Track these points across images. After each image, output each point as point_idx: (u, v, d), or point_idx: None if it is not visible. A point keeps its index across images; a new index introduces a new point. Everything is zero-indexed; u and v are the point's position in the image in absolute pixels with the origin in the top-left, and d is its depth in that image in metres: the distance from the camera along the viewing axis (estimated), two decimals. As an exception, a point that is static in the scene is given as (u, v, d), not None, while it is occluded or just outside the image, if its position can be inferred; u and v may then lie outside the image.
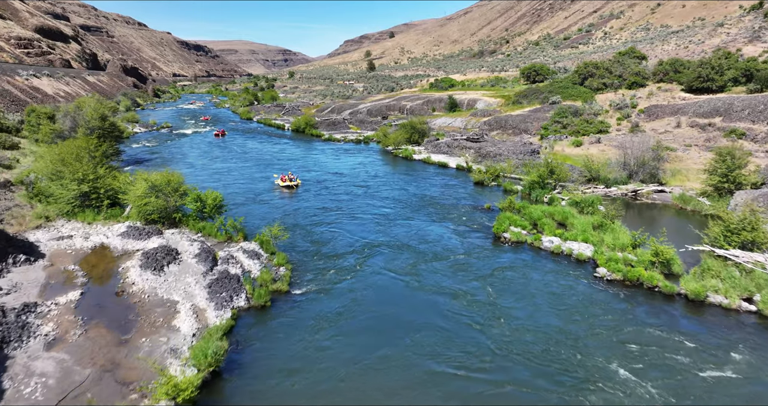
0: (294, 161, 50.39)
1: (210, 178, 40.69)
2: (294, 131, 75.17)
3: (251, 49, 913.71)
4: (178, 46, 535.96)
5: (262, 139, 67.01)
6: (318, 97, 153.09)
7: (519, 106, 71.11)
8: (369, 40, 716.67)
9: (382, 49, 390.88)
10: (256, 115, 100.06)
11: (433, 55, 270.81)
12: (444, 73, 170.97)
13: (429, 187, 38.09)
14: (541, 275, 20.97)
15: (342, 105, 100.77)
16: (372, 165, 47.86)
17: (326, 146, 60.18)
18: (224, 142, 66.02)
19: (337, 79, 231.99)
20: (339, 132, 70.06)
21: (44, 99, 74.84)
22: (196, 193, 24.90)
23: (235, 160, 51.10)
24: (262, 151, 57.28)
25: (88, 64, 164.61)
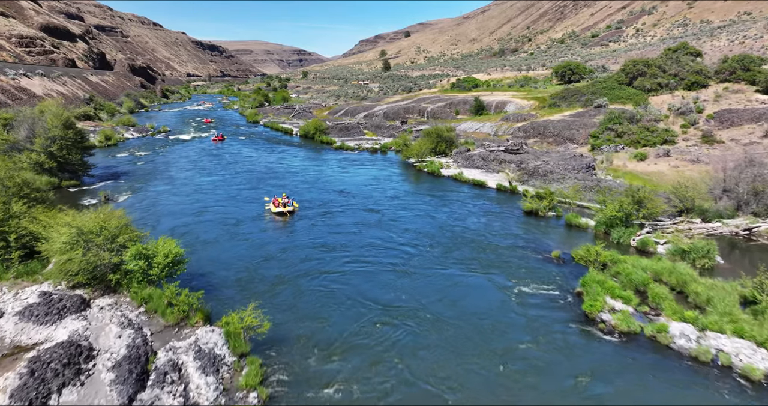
0: (295, 175, 42.49)
1: (186, 200, 32.94)
2: (302, 137, 67.34)
3: (266, 49, 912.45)
4: (192, 46, 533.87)
5: (264, 146, 59.26)
6: (331, 98, 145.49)
7: (557, 109, 62.41)
8: (384, 39, 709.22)
9: (397, 49, 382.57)
10: (264, 118, 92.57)
11: (450, 55, 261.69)
12: (463, 72, 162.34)
13: (465, 215, 29.80)
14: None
15: (356, 107, 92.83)
16: (390, 181, 39.73)
17: (337, 156, 52.18)
18: (220, 148, 58.48)
19: (351, 79, 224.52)
20: (352, 138, 62.06)
21: (30, 101, 68.06)
22: (138, 248, 16.89)
23: (225, 172, 43.39)
24: (260, 161, 49.47)
25: (95, 63, 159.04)
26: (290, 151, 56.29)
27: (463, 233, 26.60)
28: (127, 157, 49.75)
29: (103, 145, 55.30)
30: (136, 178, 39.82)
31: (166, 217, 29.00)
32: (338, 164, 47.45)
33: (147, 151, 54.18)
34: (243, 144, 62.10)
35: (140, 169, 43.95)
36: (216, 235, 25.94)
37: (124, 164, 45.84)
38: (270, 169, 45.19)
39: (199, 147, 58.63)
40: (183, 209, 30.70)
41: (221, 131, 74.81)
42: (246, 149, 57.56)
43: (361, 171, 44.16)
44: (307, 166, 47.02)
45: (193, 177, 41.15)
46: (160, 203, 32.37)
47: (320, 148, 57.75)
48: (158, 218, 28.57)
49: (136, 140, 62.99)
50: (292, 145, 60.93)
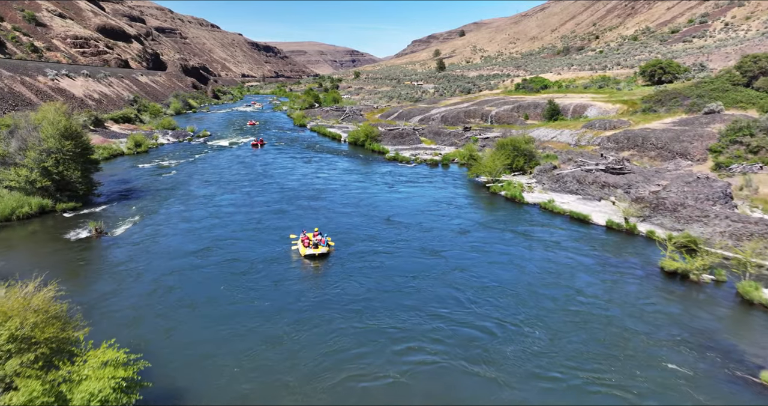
0: (334, 193, 34.85)
1: (196, 229, 25.81)
2: (351, 144, 59.89)
3: (320, 50, 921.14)
4: (248, 47, 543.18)
5: (306, 155, 52.14)
6: (383, 99, 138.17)
7: (654, 115, 51.85)
8: (437, 39, 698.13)
9: (451, 48, 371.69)
10: (311, 121, 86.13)
11: (509, 53, 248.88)
12: (525, 72, 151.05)
13: (569, 270, 21.01)
14: None
15: (411, 110, 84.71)
16: (455, 207, 31.35)
17: (389, 169, 44.23)
18: (257, 155, 52.02)
19: (404, 79, 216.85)
20: (408, 147, 53.94)
21: (68, 102, 64.16)
22: (34, 387, 9.37)
23: (252, 188, 36.37)
24: (297, 173, 42.27)
25: (149, 64, 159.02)
26: (334, 161, 48.81)
27: (571, 301, 17.90)
28: (151, 167, 43.77)
29: (132, 153, 49.87)
30: (149, 196, 33.37)
31: (160, 259, 21.87)
32: (390, 180, 39.45)
33: (177, 159, 48.21)
34: (282, 151, 55.34)
35: (160, 183, 37.64)
36: (215, 294, 18.39)
37: (145, 177, 39.75)
38: (306, 185, 37.82)
39: (235, 154, 52.25)
40: (186, 245, 23.59)
41: (263, 135, 68.78)
42: (284, 158, 50.67)
43: (418, 191, 35.98)
44: (352, 181, 39.30)
45: (215, 195, 34.29)
46: (163, 234, 25.43)
47: (370, 159, 50.00)
48: (149, 262, 21.49)
49: (171, 146, 57.49)
50: (338, 153, 53.50)
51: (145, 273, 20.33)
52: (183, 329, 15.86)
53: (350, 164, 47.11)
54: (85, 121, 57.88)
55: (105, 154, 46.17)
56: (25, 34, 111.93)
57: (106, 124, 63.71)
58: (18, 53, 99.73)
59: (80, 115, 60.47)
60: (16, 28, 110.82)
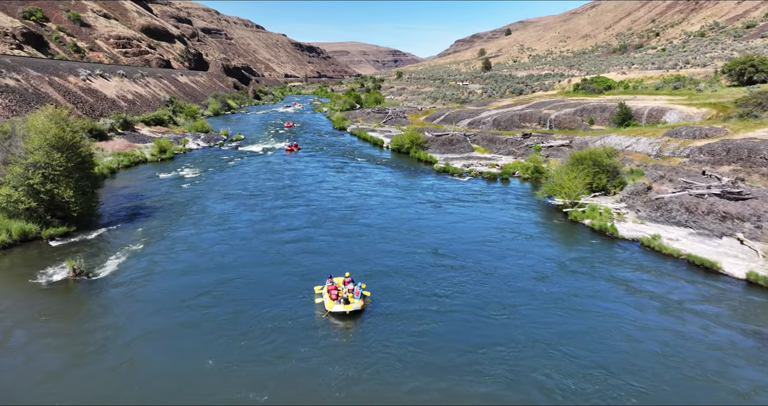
0: (371, 213, 29.02)
1: (199, 263, 20.46)
2: (394, 151, 53.99)
3: (362, 50, 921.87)
4: (291, 48, 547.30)
5: (343, 163, 46.57)
6: (427, 99, 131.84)
7: (756, 122, 43.52)
8: (481, 39, 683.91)
9: (497, 47, 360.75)
10: (351, 124, 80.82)
11: (559, 52, 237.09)
12: (579, 71, 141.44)
13: (716, 357, 14.32)
14: None
15: (459, 112, 78.08)
16: (524, 239, 24.93)
17: (438, 182, 38.04)
18: (289, 163, 47.06)
19: (448, 79, 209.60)
20: (459, 156, 47.54)
21: (98, 103, 61.22)
22: None
23: (276, 205, 31.04)
24: (330, 185, 36.71)
25: (191, 64, 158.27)
26: (374, 171, 42.99)
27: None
28: (172, 178, 39.16)
29: (155, 160, 45.63)
30: (159, 214, 28.49)
31: (142, 314, 16.49)
32: (439, 197, 33.26)
33: (202, 167, 43.60)
34: (317, 157, 50.05)
35: (176, 197, 32.81)
36: (197, 375, 12.88)
37: (162, 189, 35.09)
38: (339, 202, 32.18)
39: (265, 162, 47.26)
40: (181, 291, 18.24)
41: (299, 139, 63.98)
42: (318, 166, 45.32)
43: (474, 212, 29.66)
44: (394, 197, 33.36)
45: (232, 214, 29.11)
46: (159, 271, 20.22)
47: (416, 169, 43.92)
48: (126, 319, 16.12)
49: (199, 152, 53.15)
50: (378, 162, 47.66)
51: (114, 339, 15.01)
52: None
53: (392, 176, 41.17)
54: (112, 123, 54.46)
55: (125, 161, 42.03)
56: (69, 34, 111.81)
57: (136, 126, 60.27)
58: (60, 53, 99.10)
59: (109, 117, 57.19)
60: (61, 29, 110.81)
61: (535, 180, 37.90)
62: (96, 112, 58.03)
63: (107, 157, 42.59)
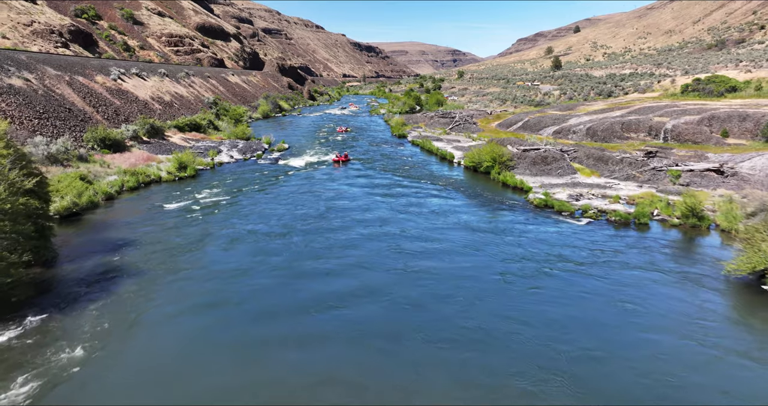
0: (435, 280, 17.91)
1: (160, 380, 10.73)
2: (468, 169, 42.82)
3: (421, 50, 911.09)
4: (350, 48, 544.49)
5: (401, 186, 35.91)
6: (495, 101, 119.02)
7: None
8: (544, 37, 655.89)
9: (565, 45, 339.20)
10: (412, 131, 70.13)
11: (639, 49, 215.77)
12: (669, 70, 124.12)
13: None
14: None
15: (540, 118, 65.59)
16: (710, 349, 13.38)
17: (538, 225, 26.55)
18: (335, 180, 37.72)
19: (514, 79, 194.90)
20: (558, 180, 35.71)
21: (125, 106, 53.82)
22: None
23: (302, 254, 21.14)
24: (379, 223, 26.05)
25: (246, 63, 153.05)
26: (442, 200, 31.95)
27: None
28: (180, 208, 29.85)
29: (172, 179, 36.73)
30: (138, 273, 19.03)
31: None
32: (544, 255, 21.83)
33: (225, 191, 34.24)
34: (369, 176, 39.78)
35: (174, 240, 23.37)
36: None
37: (162, 224, 25.80)
38: (387, 252, 21.72)
39: (305, 181, 37.41)
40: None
41: (349, 149, 54.21)
42: (368, 188, 35.04)
43: (613, 294, 18.06)
44: (471, 249, 22.31)
45: (237, 273, 19.22)
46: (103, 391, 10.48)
47: (501, 199, 32.57)
48: None
49: (231, 167, 44.07)
50: (448, 185, 36.63)
51: None
52: None
53: (467, 209, 30.04)
54: (135, 130, 46.51)
55: (131, 182, 33.29)
56: (120, 32, 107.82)
57: (166, 133, 52.34)
58: (108, 52, 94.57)
59: (132, 123, 49.38)
60: (112, 27, 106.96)
61: (692, 228, 25.62)
62: (120, 116, 50.43)
63: (111, 175, 34.05)
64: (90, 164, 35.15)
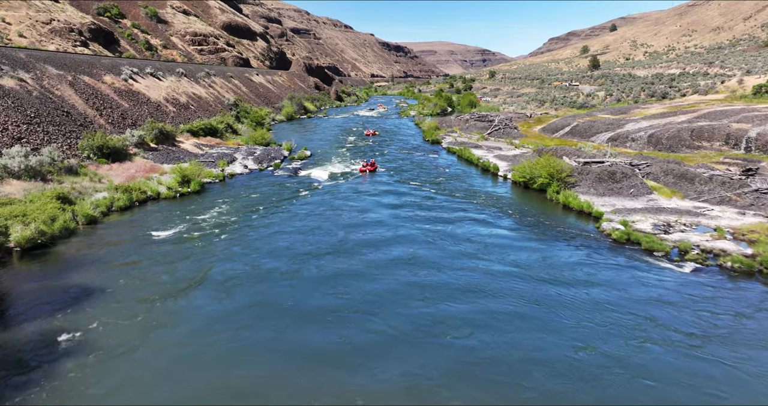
0: (491, 345, 12.20)
1: None
2: (517, 185, 36.58)
3: (450, 49, 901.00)
4: (379, 48, 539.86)
5: (435, 204, 29.89)
6: (532, 103, 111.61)
7: None
8: (577, 36, 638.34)
9: (601, 44, 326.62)
10: (446, 135, 63.99)
11: (684, 48, 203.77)
12: (722, 69, 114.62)
13: None
14: None
15: (591, 123, 58.59)
16: None
17: (619, 268, 20.22)
18: (360, 196, 31.76)
19: (548, 79, 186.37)
20: (634, 204, 29.18)
21: (133, 109, 49.33)
22: None
23: (310, 306, 15.38)
24: (409, 256, 20.14)
25: (272, 62, 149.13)
26: (488, 230, 25.68)
27: None
28: (174, 235, 24.63)
29: (172, 195, 31.63)
30: (98, 338, 13.72)
31: None
32: (639, 323, 15.66)
33: (231, 210, 28.94)
34: (398, 190, 34.06)
35: (153, 279, 18.17)
36: None
37: (150, 253, 20.63)
38: (415, 302, 15.85)
39: (327, 196, 31.81)
40: None
41: (377, 156, 48.79)
42: (397, 206, 29.25)
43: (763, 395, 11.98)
44: (531, 312, 16.21)
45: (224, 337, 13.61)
46: None
47: (561, 227, 26.29)
48: None
49: (243, 179, 38.86)
50: (492, 205, 30.46)
51: None
52: None
53: (519, 242, 23.84)
54: (141, 136, 41.81)
55: (122, 201, 28.24)
56: (144, 31, 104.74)
57: (177, 138, 47.63)
58: (129, 51, 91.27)
59: (139, 128, 44.76)
60: (135, 25, 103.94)
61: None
62: (127, 120, 45.90)
63: (100, 192, 29.11)
64: (79, 178, 30.32)
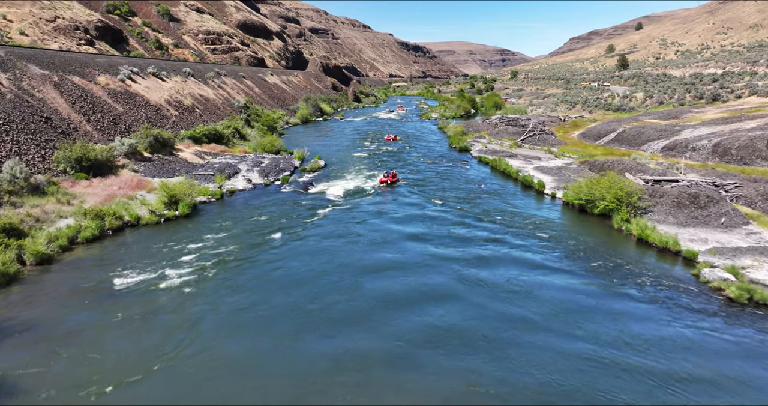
0: None
1: None
2: (569, 205, 30.47)
3: (469, 49, 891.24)
4: (397, 48, 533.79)
5: (471, 237, 23.88)
6: (561, 104, 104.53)
7: None
8: (599, 36, 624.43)
9: (627, 43, 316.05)
10: (475, 142, 57.86)
11: (720, 46, 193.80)
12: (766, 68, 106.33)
13: None
14: None
15: (640, 129, 51.92)
16: None
17: (752, 364, 14.38)
18: (380, 220, 26.36)
19: (574, 79, 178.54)
20: (726, 236, 22.90)
21: (128, 113, 44.33)
22: None
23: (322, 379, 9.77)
24: (440, 313, 14.31)
25: (288, 62, 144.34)
26: (536, 276, 19.71)
27: None
28: (148, 280, 19.27)
29: (153, 221, 26.17)
30: None
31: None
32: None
33: (224, 239, 23.42)
34: (425, 213, 28.23)
35: (102, 358, 12.70)
36: None
37: (107, 314, 15.28)
38: None
39: (338, 220, 26.09)
40: None
41: (399, 165, 43.19)
42: (421, 238, 23.33)
43: None
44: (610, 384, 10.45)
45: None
46: None
47: (638, 271, 20.18)
48: None
49: (245, 196, 33.37)
50: (540, 235, 24.41)
51: None
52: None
53: (581, 296, 17.94)
54: (133, 144, 36.70)
55: (89, 231, 22.91)
56: (154, 29, 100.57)
57: (177, 146, 42.50)
58: (138, 50, 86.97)
59: (130, 136, 39.70)
60: (146, 24, 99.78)
61: None
62: (120, 126, 40.86)
63: (66, 218, 23.83)
64: (44, 200, 25.11)
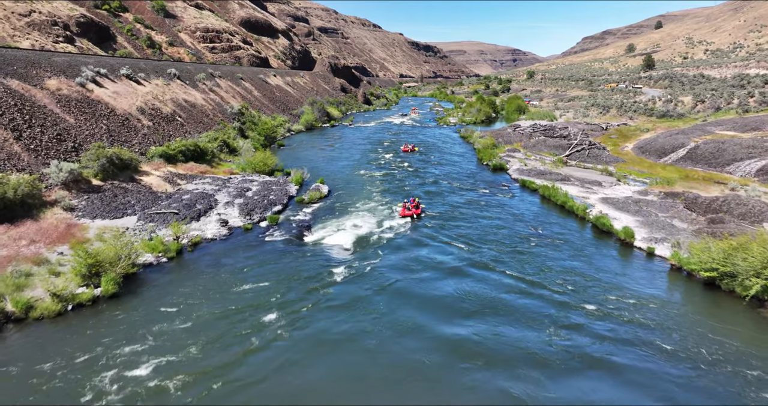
0: None
1: None
2: (681, 271, 20.92)
3: (480, 49, 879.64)
4: (408, 47, 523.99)
5: (539, 326, 14.55)
6: (593, 109, 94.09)
7: None
8: (613, 35, 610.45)
9: (648, 42, 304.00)
10: (509, 157, 48.11)
11: (756, 45, 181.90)
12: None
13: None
14: None
15: (720, 145, 41.88)
16: None
17: None
18: (402, 297, 16.22)
19: (596, 80, 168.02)
20: None
21: (80, 127, 35.23)
22: None
23: None
24: None
25: (294, 62, 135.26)
26: (660, 388, 10.53)
27: None
28: None
29: (56, 311, 16.70)
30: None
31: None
32: None
33: (159, 343, 14.16)
34: (461, 277, 18.60)
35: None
36: None
37: None
38: None
39: (344, 312, 16.77)
40: None
41: (420, 187, 33.70)
42: (459, 328, 13.75)
43: None
44: None
45: None
46: None
47: None
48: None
49: (217, 249, 23.94)
50: (652, 336, 15.00)
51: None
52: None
53: None
54: (75, 171, 27.58)
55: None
56: (147, 26, 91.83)
57: (142, 168, 33.39)
58: (126, 48, 78.21)
59: (72, 160, 30.60)
60: (138, 20, 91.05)
61: None
62: (67, 142, 31.72)
63: None
64: None
